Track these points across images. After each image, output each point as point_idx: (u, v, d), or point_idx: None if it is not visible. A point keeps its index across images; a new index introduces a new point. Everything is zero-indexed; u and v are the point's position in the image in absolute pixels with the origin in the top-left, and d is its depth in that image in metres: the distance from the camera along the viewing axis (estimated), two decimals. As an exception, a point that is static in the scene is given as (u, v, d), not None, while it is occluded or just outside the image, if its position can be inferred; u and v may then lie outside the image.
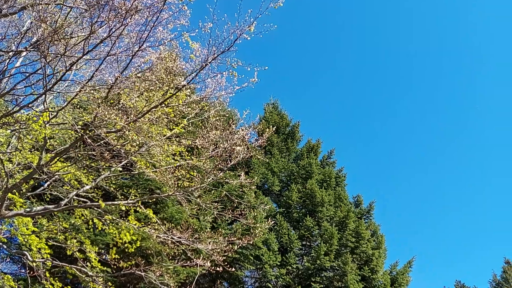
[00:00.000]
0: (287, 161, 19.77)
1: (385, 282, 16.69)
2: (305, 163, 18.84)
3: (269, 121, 19.89)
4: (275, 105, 22.32)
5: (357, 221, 17.38)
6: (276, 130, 20.08)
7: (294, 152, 20.80)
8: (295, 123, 21.68)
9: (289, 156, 20.46)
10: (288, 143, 20.60)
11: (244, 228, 13.72)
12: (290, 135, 21.15)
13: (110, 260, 10.02)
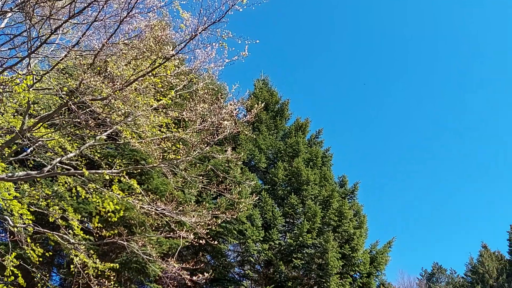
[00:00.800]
0: (274, 139, 19.79)
1: (364, 261, 17.05)
2: (292, 141, 18.87)
3: (259, 97, 19.77)
4: (265, 81, 22.16)
5: (340, 200, 17.59)
6: (265, 107, 20.01)
7: (282, 130, 20.81)
8: (285, 100, 21.63)
9: (277, 134, 20.47)
10: (277, 121, 20.58)
11: (228, 203, 13.80)
12: (279, 113, 21.11)
13: (93, 228, 10.00)
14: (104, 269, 9.41)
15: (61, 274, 13.28)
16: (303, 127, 20.62)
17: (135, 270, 11.97)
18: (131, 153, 11.63)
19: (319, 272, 15.79)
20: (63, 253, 13.02)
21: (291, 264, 15.87)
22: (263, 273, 17.78)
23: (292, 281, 16.43)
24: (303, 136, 20.17)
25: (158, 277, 12.44)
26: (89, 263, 9.26)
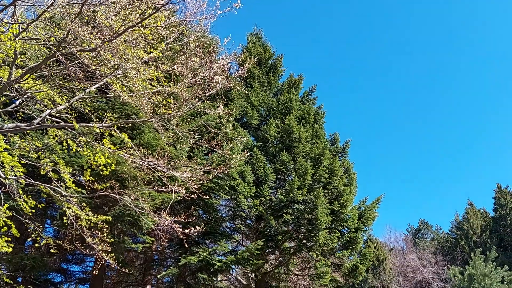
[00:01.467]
0: (267, 95, 19.64)
1: (352, 216, 17.47)
2: (285, 98, 18.76)
3: (252, 52, 19.41)
4: (259, 35, 21.67)
5: (331, 158, 17.75)
6: (258, 62, 19.72)
7: (275, 86, 20.62)
8: (278, 56, 21.25)
9: (270, 90, 20.30)
10: (270, 77, 20.33)
11: (220, 159, 13.89)
12: (272, 69, 20.82)
13: (85, 181, 10.07)
14: (97, 221, 9.53)
15: (55, 226, 13.48)
16: (296, 84, 20.46)
17: (128, 223, 12.17)
18: (122, 107, 11.53)
19: (309, 226, 16.17)
20: (56, 205, 13.15)
21: (281, 219, 16.21)
22: (254, 227, 18.21)
23: (282, 235, 16.86)
24: (296, 93, 20.04)
25: (151, 230, 12.69)
26: (82, 215, 9.36)
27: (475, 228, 52.09)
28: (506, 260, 30.99)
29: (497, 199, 53.13)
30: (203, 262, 14.87)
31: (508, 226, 50.05)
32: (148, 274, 19.24)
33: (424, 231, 66.75)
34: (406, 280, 50.36)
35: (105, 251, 9.87)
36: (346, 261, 18.79)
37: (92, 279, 14.25)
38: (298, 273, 20.16)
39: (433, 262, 49.02)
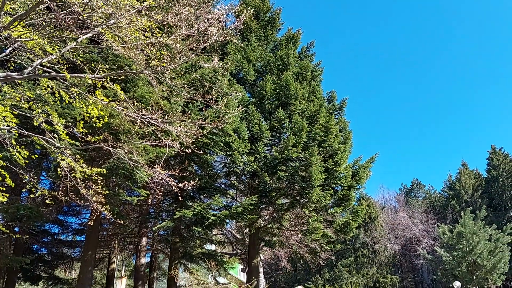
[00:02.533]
0: (264, 50, 19.22)
1: (346, 175, 17.61)
2: (282, 53, 18.39)
3: (249, 3, 18.76)
4: (257, -15, 20.93)
5: (328, 116, 17.66)
6: (255, 15, 19.19)
7: (272, 41, 20.17)
8: (276, 9, 20.59)
9: (267, 45, 19.87)
10: (267, 31, 19.83)
11: (215, 115, 13.80)
12: (270, 22, 20.26)
13: (78, 133, 10.04)
14: (91, 173, 9.57)
15: (50, 177, 13.56)
16: (294, 39, 20.02)
17: (122, 176, 12.23)
18: (115, 59, 11.29)
19: (303, 184, 16.32)
20: (50, 157, 13.18)
21: (276, 176, 16.34)
22: (248, 184, 18.41)
23: (276, 191, 17.07)
24: (293, 48, 19.65)
25: (146, 184, 12.78)
26: (76, 167, 9.37)
27: (467, 188, 53.04)
28: (495, 220, 31.76)
29: (491, 160, 53.75)
30: (198, 216, 15.10)
31: (500, 187, 50.96)
32: (144, 227, 19.64)
33: (416, 190, 68.00)
34: (396, 237, 51.80)
35: (100, 202, 9.98)
36: (338, 217, 19.16)
37: (88, 230, 14.51)
38: (291, 228, 20.59)
39: (423, 221, 50.26)
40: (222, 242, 25.65)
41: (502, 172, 51.85)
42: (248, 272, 18.72)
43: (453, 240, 23.39)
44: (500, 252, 22.54)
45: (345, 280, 43.48)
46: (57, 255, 20.01)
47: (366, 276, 46.52)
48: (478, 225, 22.90)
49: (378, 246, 49.76)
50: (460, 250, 22.64)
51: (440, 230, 25.38)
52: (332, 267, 48.56)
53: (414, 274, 54.22)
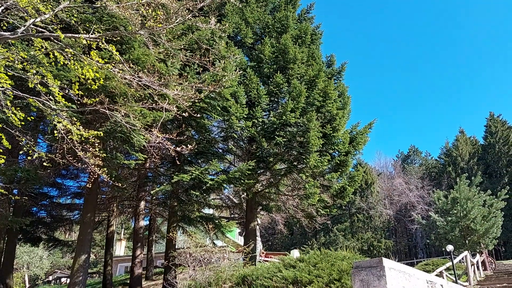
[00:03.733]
0: (263, 12, 18.74)
1: (344, 140, 17.59)
2: (281, 15, 17.95)
3: (248, -37, 18.20)
4: None
5: (326, 81, 17.47)
6: (254, -26, 18.62)
7: (271, 2, 19.62)
8: (276, -33, 19.95)
9: (266, 7, 19.37)
10: (266, -9, 19.23)
11: (212, 78, 13.63)
12: (269, -18, 19.66)
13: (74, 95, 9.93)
14: (88, 136, 9.53)
15: (47, 140, 13.54)
16: (294, 1, 19.50)
17: (119, 139, 12.21)
18: (110, 19, 11.01)
19: (300, 149, 16.33)
20: (47, 120, 13.10)
21: (273, 141, 16.32)
22: (246, 149, 18.42)
23: (274, 156, 17.11)
24: (293, 10, 19.17)
25: (143, 147, 12.77)
26: (73, 129, 9.32)
27: (464, 155, 53.43)
28: (490, 186, 32.12)
29: (488, 127, 53.86)
30: (196, 180, 15.18)
31: (496, 154, 51.33)
32: (142, 191, 19.82)
33: (413, 157, 68.41)
34: (392, 203, 52.57)
35: (97, 165, 10.01)
36: (335, 183, 19.29)
37: (87, 193, 14.62)
38: (288, 193, 20.78)
39: (419, 187, 50.87)
40: (220, 207, 25.94)
41: (499, 139, 52.04)
42: (246, 235, 19.04)
43: (448, 206, 23.73)
44: (493, 218, 22.91)
45: (340, 244, 44.42)
46: (57, 218, 20.29)
47: (361, 240, 47.51)
48: (473, 191, 23.17)
49: (374, 212, 50.56)
50: (454, 215, 23.00)
51: (435, 196, 25.69)
52: (327, 232, 49.51)
53: (408, 239, 55.39)
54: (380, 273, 8.61)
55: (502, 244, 46.86)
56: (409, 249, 55.44)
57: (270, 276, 12.06)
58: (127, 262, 31.71)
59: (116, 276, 30.41)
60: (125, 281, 23.75)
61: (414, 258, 45.72)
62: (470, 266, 16.57)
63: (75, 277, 13.48)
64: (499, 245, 43.80)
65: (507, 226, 38.83)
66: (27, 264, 38.36)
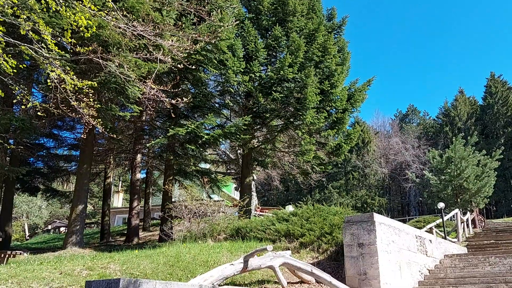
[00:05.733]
0: (262, -41, 18.00)
1: (342, 97, 17.45)
2: (281, -36, 17.25)
3: None
4: None
5: (326, 35, 17.08)
6: None
7: (271, -52, 18.83)
8: None
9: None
10: None
11: (209, 30, 13.30)
12: None
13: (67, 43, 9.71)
14: (82, 86, 9.37)
15: (41, 90, 13.39)
16: None
17: (114, 90, 12.07)
18: (102, -36, 10.57)
19: (297, 105, 16.23)
20: (41, 69, 12.89)
21: (270, 97, 16.16)
22: (242, 104, 18.29)
23: (270, 112, 17.01)
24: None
25: (138, 99, 12.66)
26: (67, 79, 9.16)
27: (462, 115, 53.40)
28: (486, 146, 32.33)
29: (488, 87, 53.48)
30: (192, 134, 15.15)
31: (494, 115, 51.31)
32: (139, 144, 19.86)
33: (411, 116, 68.43)
34: (387, 162, 53.08)
35: (92, 116, 9.93)
36: (331, 140, 19.34)
37: (83, 144, 14.64)
38: (284, 150, 20.86)
39: (415, 146, 51.19)
40: (216, 161, 26.14)
41: (499, 100, 51.82)
42: (241, 190, 19.28)
43: (442, 165, 23.93)
44: (486, 177, 23.16)
45: (334, 200, 45.25)
46: (54, 169, 20.44)
47: (355, 198, 48.37)
48: (468, 151, 23.28)
49: (369, 170, 51.12)
50: (448, 174, 23.25)
51: (430, 155, 25.84)
52: (322, 189, 50.27)
53: (401, 197, 56.38)
54: (370, 227, 8.81)
55: (493, 204, 47.82)
56: (402, 207, 56.57)
57: (264, 229, 12.33)
58: (124, 214, 32.34)
59: (114, 226, 31.10)
60: (122, 232, 24.29)
61: (406, 216, 46.71)
62: (460, 223, 16.93)
63: (73, 226, 13.75)
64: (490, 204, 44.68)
65: (499, 186, 39.47)
66: (26, 214, 39.12)
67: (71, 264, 7.72)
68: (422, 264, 10.51)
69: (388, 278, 8.51)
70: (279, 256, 8.11)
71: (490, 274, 9.53)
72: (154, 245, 13.23)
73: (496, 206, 48.92)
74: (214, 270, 7.12)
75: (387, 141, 55.88)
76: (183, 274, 7.77)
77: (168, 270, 7.86)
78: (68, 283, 6.35)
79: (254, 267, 7.65)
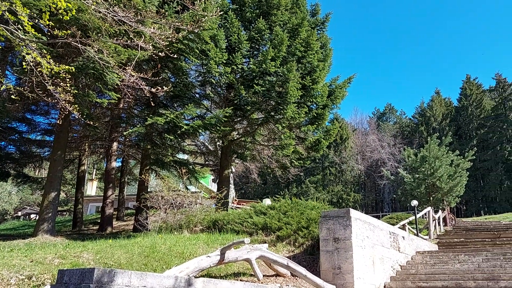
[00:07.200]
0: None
1: (322, 93, 17.52)
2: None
3: None
4: None
5: (310, 30, 17.08)
6: None
7: None
8: None
9: None
10: None
11: (192, 19, 13.09)
12: None
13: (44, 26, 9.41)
14: (59, 70, 9.10)
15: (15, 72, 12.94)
16: None
17: (92, 76, 11.78)
18: None
19: (278, 99, 16.20)
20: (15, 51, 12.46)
21: (252, 90, 16.07)
22: (223, 96, 18.15)
23: (251, 105, 16.93)
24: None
25: (117, 86, 12.39)
26: (43, 62, 8.88)
27: (437, 116, 54.57)
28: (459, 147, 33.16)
29: (464, 89, 54.79)
30: (170, 124, 14.95)
31: (468, 116, 52.63)
32: (115, 131, 19.50)
33: (389, 115, 69.55)
34: (364, 159, 53.84)
35: (68, 101, 9.67)
36: (310, 135, 19.44)
37: (57, 130, 14.27)
38: (263, 143, 20.84)
39: (391, 144, 52.07)
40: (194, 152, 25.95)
41: (473, 102, 53.12)
42: (219, 182, 19.20)
43: (417, 163, 24.42)
44: (458, 177, 23.77)
45: (311, 195, 45.66)
46: (26, 154, 19.88)
47: (331, 193, 48.94)
48: (442, 151, 23.83)
49: (346, 166, 51.76)
50: (422, 173, 23.75)
51: (405, 153, 26.33)
52: (300, 183, 50.65)
53: (376, 193, 57.35)
54: (346, 222, 8.90)
55: (464, 203, 49.18)
56: (376, 203, 57.57)
57: (241, 222, 12.32)
58: (98, 202, 31.83)
59: (87, 215, 30.59)
60: (95, 220, 23.91)
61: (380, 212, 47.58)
62: (431, 221, 17.33)
63: (44, 213, 13.43)
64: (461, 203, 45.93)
65: (470, 186, 40.59)
66: (-5, 199, 38.13)
67: (43, 252, 7.54)
68: (394, 260, 10.71)
69: (361, 273, 8.64)
70: (256, 249, 8.11)
71: (460, 272, 9.79)
72: (128, 235, 13.05)
73: (466, 205, 50.34)
74: (190, 261, 7.07)
75: (364, 138, 56.65)
76: (158, 265, 7.68)
77: (143, 260, 7.76)
78: (39, 272, 6.19)
79: (230, 259, 7.63)
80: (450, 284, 8.95)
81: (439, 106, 55.49)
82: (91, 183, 38.86)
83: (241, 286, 6.45)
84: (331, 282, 8.38)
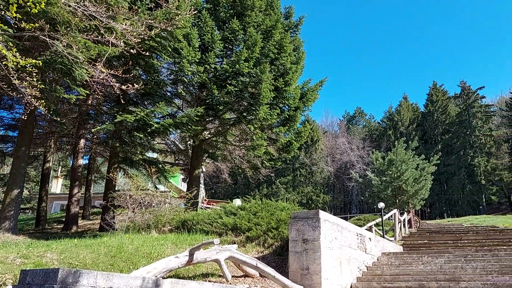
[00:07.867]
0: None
1: (295, 95, 17.68)
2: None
3: None
4: None
5: (283, 33, 17.22)
6: None
7: None
8: None
9: None
10: None
11: (165, 17, 12.95)
12: None
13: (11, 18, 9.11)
14: (25, 64, 8.81)
15: (-22, 65, 12.40)
16: None
17: (60, 71, 11.46)
18: None
19: (251, 100, 16.23)
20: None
21: (225, 90, 16.04)
22: (195, 95, 18.03)
23: (224, 105, 16.89)
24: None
25: (86, 82, 12.10)
26: (8, 55, 8.58)
27: (404, 120, 56.07)
28: (424, 152, 34.06)
29: (430, 95, 56.49)
30: (140, 122, 14.73)
31: (433, 122, 54.29)
32: (83, 128, 19.03)
33: (358, 118, 70.88)
34: (333, 161, 54.63)
35: (34, 96, 9.37)
36: (282, 137, 19.55)
37: (22, 125, 13.81)
38: (235, 143, 20.83)
39: (360, 147, 53.07)
40: (164, 151, 25.66)
41: (438, 108, 54.82)
42: (189, 182, 19.03)
43: (384, 166, 24.99)
44: (423, 180, 24.48)
45: (281, 196, 45.93)
46: (-12, 149, 19.16)
47: (301, 194, 49.41)
48: (408, 154, 24.50)
49: (316, 168, 52.38)
50: (389, 176, 24.33)
51: (373, 156, 26.90)
52: (270, 184, 50.90)
53: (344, 195, 58.28)
54: (315, 224, 9.01)
55: (428, 206, 50.62)
56: (345, 205, 58.49)
57: (211, 222, 12.26)
58: (63, 200, 30.97)
59: (51, 213, 29.71)
60: (60, 219, 23.26)
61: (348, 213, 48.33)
62: (397, 223, 17.77)
63: (7, 211, 12.96)
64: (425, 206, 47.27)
65: (434, 190, 41.80)
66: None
67: (4, 251, 7.28)
68: (361, 261, 10.91)
69: (329, 274, 8.76)
70: (225, 250, 8.09)
71: (423, 273, 10.08)
72: (94, 235, 12.76)
73: (430, 208, 51.85)
74: (158, 262, 6.98)
75: (334, 141, 57.50)
76: (125, 266, 7.56)
77: (109, 261, 7.61)
78: (0, 271, 5.98)
79: (199, 260, 7.59)
80: (414, 285, 9.21)
81: (406, 111, 57.01)
82: (56, 180, 37.77)
83: (210, 287, 6.42)
84: (299, 282, 8.46)
